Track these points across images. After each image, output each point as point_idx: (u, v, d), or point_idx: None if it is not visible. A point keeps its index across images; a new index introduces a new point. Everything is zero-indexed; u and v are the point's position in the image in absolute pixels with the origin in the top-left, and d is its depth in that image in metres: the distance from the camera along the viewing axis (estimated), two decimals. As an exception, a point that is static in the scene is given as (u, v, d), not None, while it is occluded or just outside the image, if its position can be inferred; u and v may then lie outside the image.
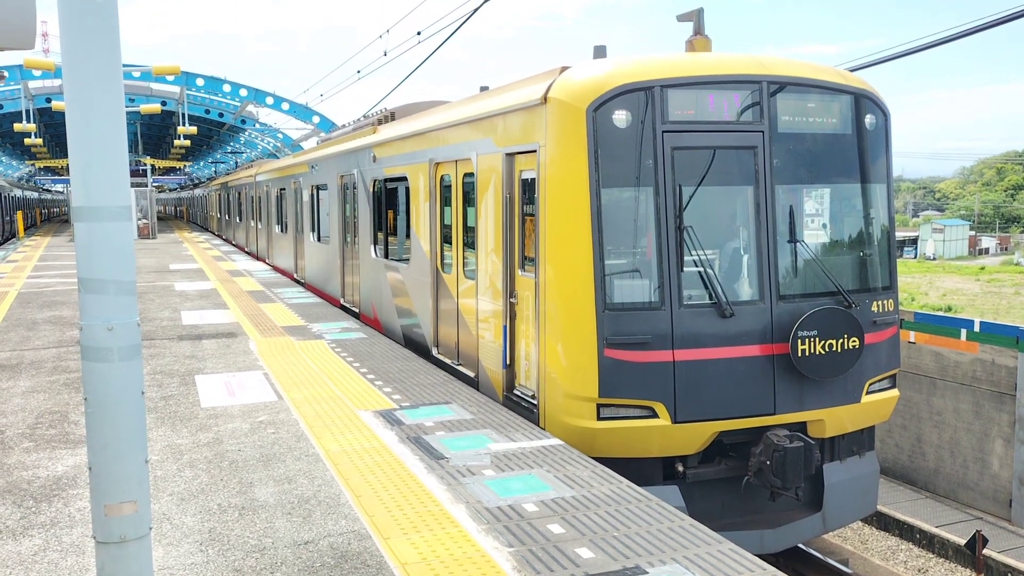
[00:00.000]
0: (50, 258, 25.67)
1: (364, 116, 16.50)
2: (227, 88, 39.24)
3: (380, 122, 14.02)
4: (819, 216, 7.97)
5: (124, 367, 3.26)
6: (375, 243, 13.20)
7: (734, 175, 7.36)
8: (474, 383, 9.04)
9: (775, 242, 7.33)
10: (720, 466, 7.36)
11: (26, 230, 47.27)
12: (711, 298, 7.12)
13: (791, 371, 7.19)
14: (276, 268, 23.27)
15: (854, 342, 7.28)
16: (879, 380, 7.79)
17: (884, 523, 11.86)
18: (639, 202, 7.14)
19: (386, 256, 12.70)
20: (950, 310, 36.67)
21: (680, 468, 7.20)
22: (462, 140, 9.32)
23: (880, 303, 7.75)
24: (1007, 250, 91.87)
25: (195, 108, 42.22)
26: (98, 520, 3.32)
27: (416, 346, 11.18)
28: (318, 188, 17.70)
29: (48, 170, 74.18)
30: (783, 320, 7.20)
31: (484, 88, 10.67)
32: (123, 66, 3.36)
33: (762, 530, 7.27)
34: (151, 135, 59.19)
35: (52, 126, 50.91)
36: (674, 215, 7.05)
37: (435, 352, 10.39)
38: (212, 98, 42.36)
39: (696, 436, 7.05)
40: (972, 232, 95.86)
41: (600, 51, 8.08)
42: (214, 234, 43.40)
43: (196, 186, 67.93)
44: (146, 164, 42.96)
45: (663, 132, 7.03)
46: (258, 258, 27.13)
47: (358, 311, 14.37)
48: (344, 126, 17.75)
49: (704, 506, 7.21)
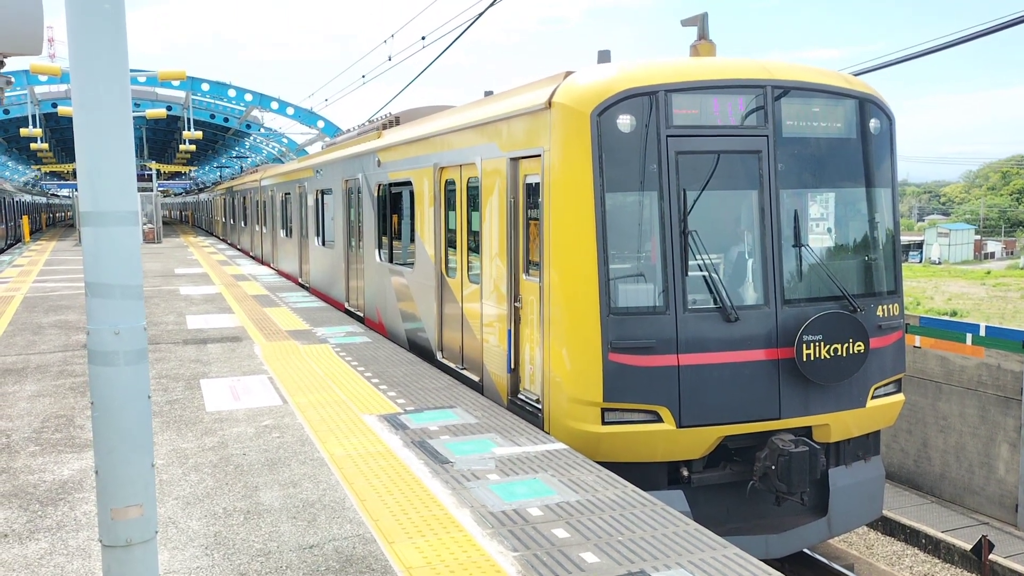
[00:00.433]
0: (56, 262, 25.74)
1: (369, 121, 16.54)
2: (232, 93, 39.37)
3: (385, 127, 14.05)
4: (824, 220, 7.96)
5: (131, 371, 3.28)
6: (379, 247, 13.21)
7: (738, 179, 7.36)
8: (478, 387, 9.05)
9: (780, 246, 7.33)
10: (725, 471, 7.35)
11: (32, 234, 47.42)
12: (716, 302, 7.12)
13: (796, 375, 7.19)
14: (281, 272, 23.31)
15: (859, 346, 7.27)
16: (884, 384, 7.77)
17: (890, 528, 11.82)
18: (643, 206, 7.14)
19: (390, 260, 12.72)
20: (955, 314, 36.58)
21: (685, 473, 7.19)
22: (466, 145, 9.33)
23: (885, 307, 7.74)
24: (1013, 254, 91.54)
25: (200, 113, 42.35)
26: (104, 523, 3.33)
27: (420, 350, 11.19)
28: (323, 192, 17.74)
29: (54, 175, 74.40)
30: (788, 324, 7.20)
31: (488, 93, 10.70)
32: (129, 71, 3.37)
33: (767, 535, 7.26)
34: (156, 140, 59.36)
35: (58, 131, 51.09)
36: (678, 219, 7.05)
37: (439, 356, 10.40)
38: (217, 103, 42.49)
39: (701, 441, 7.04)
40: (977, 236, 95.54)
41: (604, 55, 8.09)
42: (219, 238, 43.50)
43: (201, 191, 68.10)
44: (151, 169, 43.03)
45: (667, 136, 7.04)
46: (263, 262, 27.19)
47: (362, 315, 14.38)
48: (349, 131, 17.78)
49: (709, 511, 7.20)
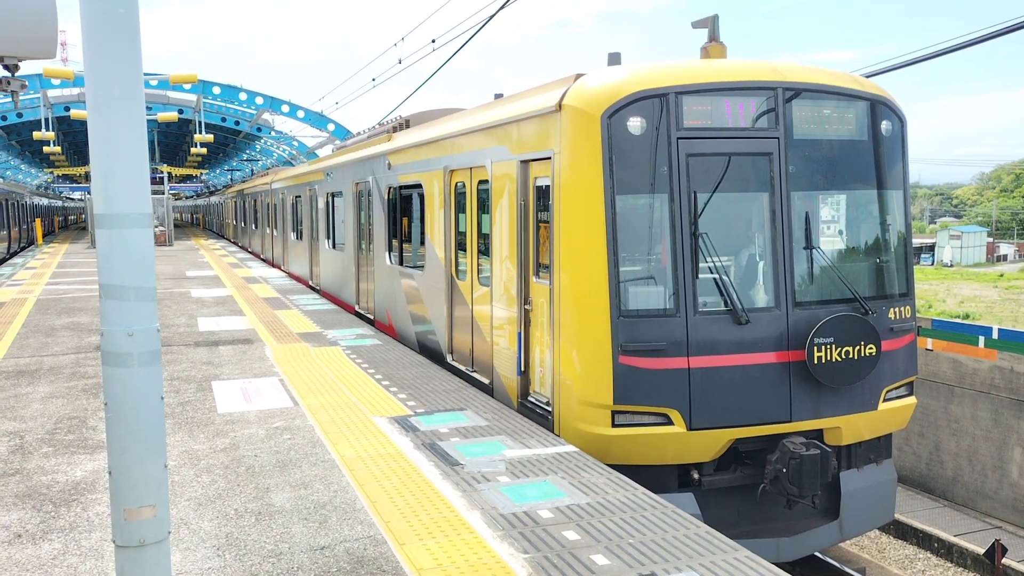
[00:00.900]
0: (68, 265, 25.90)
1: (379, 123, 16.58)
2: (243, 96, 39.54)
3: (395, 129, 14.08)
4: (835, 223, 7.93)
5: (144, 372, 3.30)
6: (390, 250, 13.24)
7: (749, 182, 7.34)
8: (488, 390, 9.05)
9: (791, 249, 7.31)
10: (736, 474, 7.33)
11: (44, 237, 47.72)
12: (726, 305, 7.10)
13: (807, 378, 7.16)
14: (291, 275, 23.39)
15: (871, 349, 7.24)
16: (896, 387, 7.74)
17: (902, 532, 11.76)
18: (654, 209, 7.13)
19: (401, 263, 12.74)
20: (968, 317, 36.37)
21: (695, 476, 7.18)
22: (477, 148, 9.35)
23: (897, 310, 7.71)
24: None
25: (211, 116, 42.55)
26: (118, 524, 3.35)
27: (431, 353, 11.20)
28: (333, 195, 17.79)
29: (66, 178, 74.89)
30: (799, 327, 7.17)
31: (498, 96, 10.71)
32: (144, 75, 3.39)
33: (778, 538, 7.23)
34: (168, 143, 59.68)
35: (70, 134, 51.45)
36: (689, 222, 7.04)
37: (449, 359, 10.41)
38: (228, 106, 42.71)
39: (711, 443, 7.03)
40: (990, 239, 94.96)
41: (615, 58, 8.10)
42: (230, 241, 43.67)
43: (212, 193, 68.39)
44: (163, 172, 43.28)
45: (678, 139, 7.03)
46: (273, 265, 27.28)
47: (373, 318, 14.41)
48: (359, 133, 17.83)
49: (720, 514, 7.18)
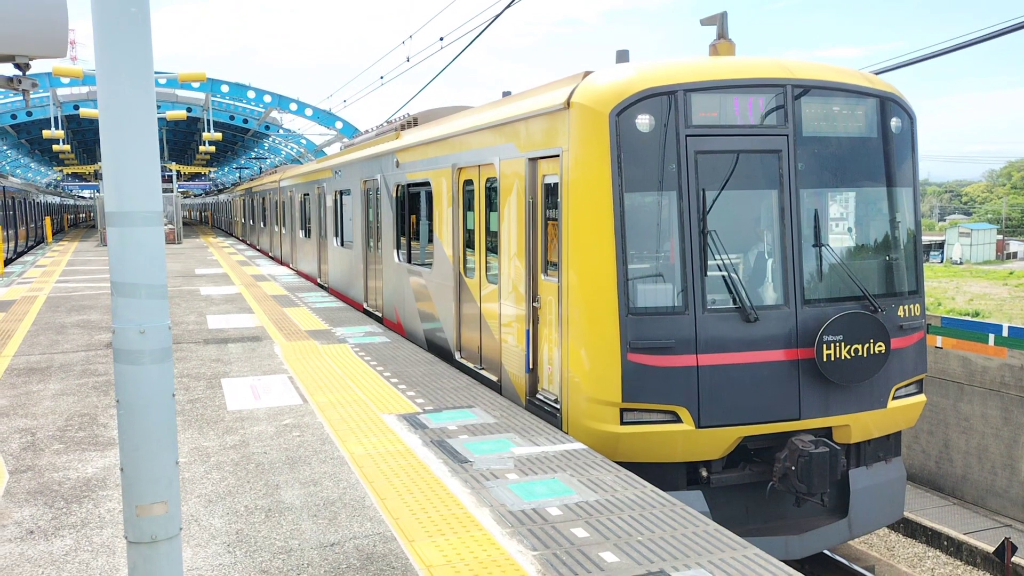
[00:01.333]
0: (78, 263, 26.01)
1: (387, 121, 16.60)
2: (251, 94, 39.59)
3: (403, 127, 14.09)
4: (844, 220, 7.91)
5: (155, 369, 3.32)
6: (398, 248, 13.26)
7: (758, 179, 7.33)
8: (497, 387, 9.06)
9: (800, 246, 7.29)
10: (744, 471, 7.32)
11: (54, 235, 47.94)
12: (735, 302, 7.09)
13: (816, 376, 7.15)
14: (300, 273, 23.44)
15: (880, 347, 7.23)
16: (905, 385, 7.72)
17: (911, 530, 11.73)
18: (662, 206, 7.13)
19: (409, 261, 12.76)
20: (977, 315, 36.20)
21: (704, 473, 7.18)
22: (485, 145, 9.35)
23: (906, 307, 7.68)
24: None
25: (220, 114, 42.64)
26: (130, 520, 3.37)
27: (439, 350, 11.22)
28: (341, 193, 17.82)
29: (75, 176, 75.21)
30: (808, 325, 7.16)
31: (506, 93, 10.72)
32: (155, 74, 3.41)
33: (787, 536, 7.23)
34: (176, 141, 59.85)
35: (80, 133, 51.63)
36: (698, 219, 7.03)
37: (458, 356, 10.42)
38: (237, 104, 42.78)
39: (720, 441, 7.02)
40: (1000, 236, 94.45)
41: (623, 55, 8.09)
42: (238, 239, 43.80)
43: (220, 192, 68.54)
44: (172, 170, 43.39)
45: (687, 136, 7.02)
46: (282, 263, 27.35)
47: (381, 315, 14.44)
48: (367, 131, 17.85)
49: (728, 511, 7.18)
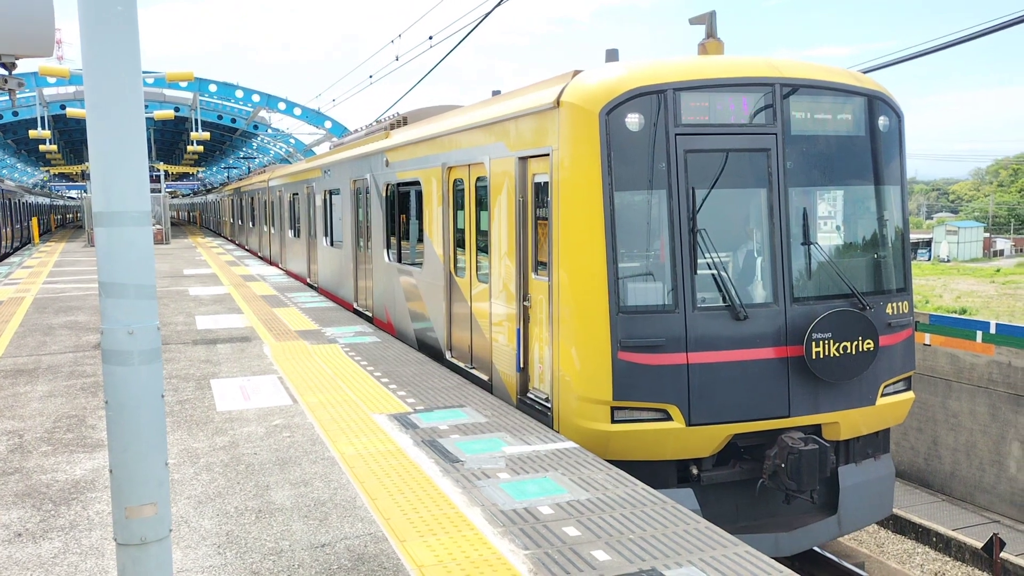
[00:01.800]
0: (65, 264, 25.86)
1: (376, 121, 16.57)
2: (240, 94, 39.47)
3: (392, 127, 14.07)
4: (832, 218, 7.95)
5: (144, 370, 3.30)
6: (388, 247, 13.24)
7: (747, 177, 7.35)
8: (488, 386, 9.06)
9: (789, 244, 7.32)
10: (735, 469, 7.35)
11: (41, 236, 47.65)
12: (725, 301, 7.11)
13: (805, 373, 7.18)
14: (289, 273, 23.38)
15: (869, 344, 7.26)
16: (894, 382, 7.76)
17: (900, 526, 11.80)
18: (652, 205, 7.14)
19: (399, 260, 12.74)
20: (965, 312, 36.42)
21: (694, 471, 7.20)
22: (475, 144, 9.34)
23: (895, 305, 7.72)
24: (1022, 252, 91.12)
25: (208, 114, 42.49)
26: (119, 522, 3.36)
27: (429, 350, 11.21)
28: (331, 193, 17.78)
29: (62, 176, 74.72)
30: (797, 322, 7.19)
31: (496, 92, 10.71)
32: (142, 73, 3.39)
33: (777, 533, 7.26)
34: (164, 141, 59.59)
35: (66, 133, 51.34)
36: (687, 218, 7.05)
37: (448, 356, 10.41)
38: (225, 104, 42.64)
39: (710, 439, 7.04)
40: (987, 234, 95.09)
41: (612, 54, 8.10)
42: (227, 239, 43.62)
43: (209, 191, 68.28)
44: (159, 170, 43.19)
45: (676, 135, 7.04)
46: (271, 263, 27.26)
47: (371, 315, 14.41)
48: (356, 131, 17.82)
49: (719, 509, 7.20)
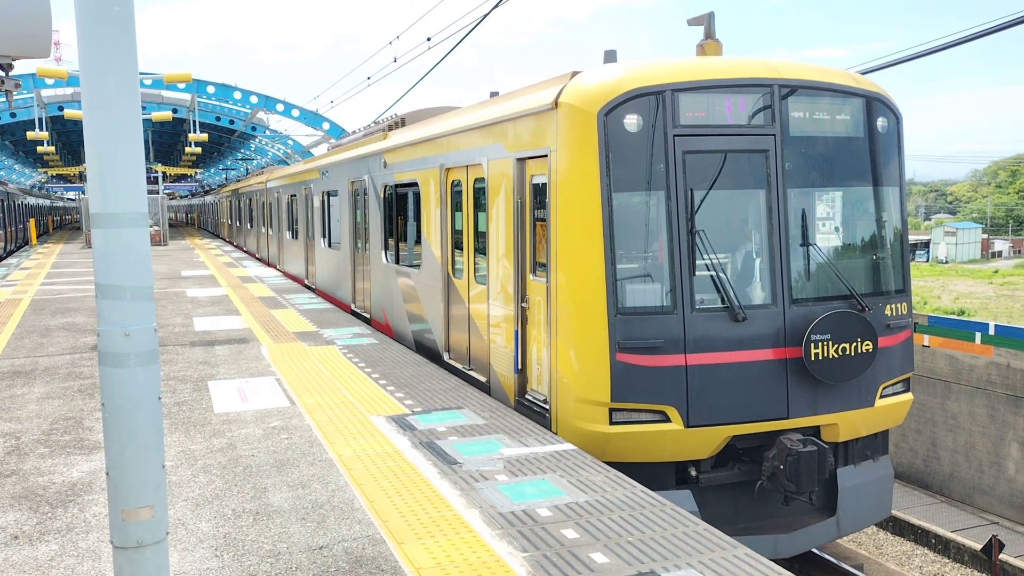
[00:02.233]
0: (63, 265, 25.82)
1: (374, 122, 16.55)
2: (238, 95, 39.43)
3: (390, 128, 14.06)
4: (831, 219, 7.94)
5: (141, 372, 3.29)
6: (386, 249, 13.23)
7: (746, 179, 7.35)
8: (486, 388, 9.05)
9: (787, 246, 7.31)
10: (733, 470, 7.34)
11: (39, 237, 47.58)
12: (723, 302, 7.10)
13: (804, 375, 7.17)
14: (287, 274, 23.35)
15: (867, 346, 7.25)
16: (893, 384, 7.75)
17: (899, 528, 11.79)
18: (651, 206, 7.13)
19: (397, 262, 12.73)
20: (963, 313, 36.44)
21: (693, 473, 7.18)
22: (473, 145, 9.33)
23: (894, 306, 7.72)
24: (1020, 253, 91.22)
25: (206, 115, 42.43)
26: (116, 524, 3.34)
27: (427, 351, 11.19)
28: (329, 194, 17.76)
29: (60, 178, 74.68)
30: (796, 324, 7.18)
31: (494, 94, 10.70)
32: (139, 74, 3.38)
33: (776, 535, 7.24)
34: (162, 142, 59.53)
35: (64, 134, 51.27)
36: (686, 219, 7.04)
37: (447, 357, 10.40)
38: (223, 105, 42.59)
39: (709, 440, 7.03)
40: (985, 235, 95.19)
41: (610, 55, 8.09)
42: (225, 240, 43.59)
43: (207, 193, 68.24)
44: (157, 171, 43.16)
45: (674, 136, 7.03)
46: (269, 264, 27.23)
47: (369, 317, 14.40)
48: (354, 132, 17.80)
49: (717, 511, 7.19)
